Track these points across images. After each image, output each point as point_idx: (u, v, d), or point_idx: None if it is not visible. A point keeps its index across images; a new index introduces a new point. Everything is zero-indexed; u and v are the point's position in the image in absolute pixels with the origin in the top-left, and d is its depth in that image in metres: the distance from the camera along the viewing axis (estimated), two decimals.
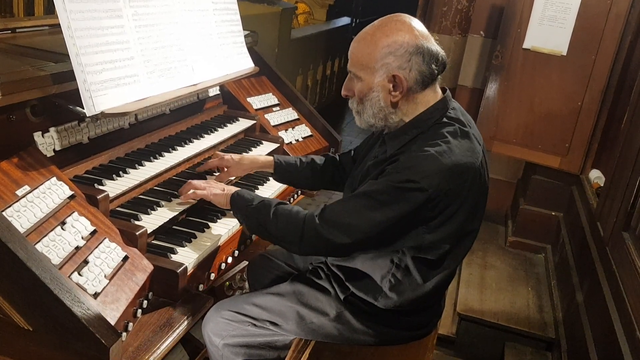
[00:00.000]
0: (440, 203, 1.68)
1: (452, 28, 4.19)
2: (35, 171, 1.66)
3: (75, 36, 1.76)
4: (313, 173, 2.25)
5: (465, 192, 1.71)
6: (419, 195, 1.65)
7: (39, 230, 1.53)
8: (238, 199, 1.93)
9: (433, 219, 1.71)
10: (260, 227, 1.87)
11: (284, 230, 1.81)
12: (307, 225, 1.75)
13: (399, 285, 1.82)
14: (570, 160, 3.78)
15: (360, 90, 1.79)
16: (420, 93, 1.77)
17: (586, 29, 3.55)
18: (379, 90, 1.75)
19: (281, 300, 1.95)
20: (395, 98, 1.75)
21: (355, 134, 7.20)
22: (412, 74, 1.72)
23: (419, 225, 1.72)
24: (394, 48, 1.70)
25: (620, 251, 2.55)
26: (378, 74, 1.73)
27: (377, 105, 1.77)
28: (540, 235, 4.00)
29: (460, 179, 1.69)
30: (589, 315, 2.72)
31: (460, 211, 1.73)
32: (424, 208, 1.67)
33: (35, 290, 1.38)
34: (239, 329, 1.92)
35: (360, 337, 1.92)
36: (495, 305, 3.29)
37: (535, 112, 3.77)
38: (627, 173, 2.71)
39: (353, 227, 1.71)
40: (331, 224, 1.73)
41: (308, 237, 1.76)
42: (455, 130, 1.74)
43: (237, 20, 2.70)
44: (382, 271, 1.82)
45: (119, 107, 1.88)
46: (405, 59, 1.71)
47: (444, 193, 1.66)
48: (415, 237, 1.74)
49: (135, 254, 1.69)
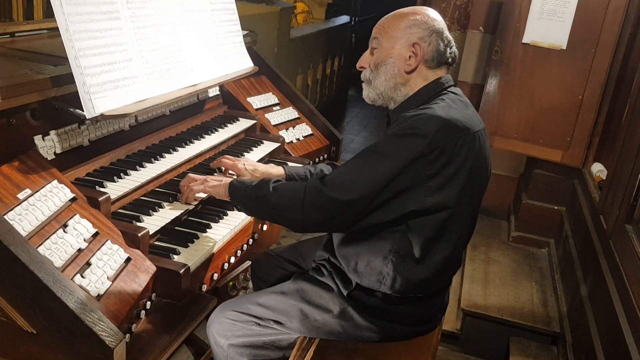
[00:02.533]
0: (440, 157, 1.69)
1: (451, 24, 4.19)
2: (36, 174, 1.66)
3: (74, 39, 1.76)
4: None
5: (463, 153, 1.73)
6: (419, 140, 1.68)
7: (41, 234, 1.53)
8: (237, 184, 1.94)
9: (432, 177, 1.71)
10: (260, 204, 1.85)
11: (285, 198, 1.79)
12: (308, 188, 1.75)
13: (401, 264, 1.82)
14: (572, 154, 3.77)
15: (377, 57, 1.88)
16: (431, 70, 1.87)
17: (585, 22, 3.54)
18: (396, 57, 1.85)
19: (284, 298, 1.95)
20: (409, 67, 1.85)
21: (356, 132, 7.19)
22: (430, 47, 1.84)
23: (421, 183, 1.71)
24: (419, 22, 1.84)
25: (623, 244, 2.55)
26: (399, 42, 1.84)
27: (391, 71, 1.87)
28: (543, 230, 4.00)
29: (458, 134, 1.73)
30: (593, 309, 2.72)
31: (459, 175, 1.74)
32: (424, 159, 1.68)
33: (38, 293, 1.38)
34: (243, 329, 1.93)
35: (364, 334, 1.92)
36: (499, 300, 3.29)
37: (536, 107, 3.77)
38: (629, 165, 2.70)
39: (355, 182, 1.71)
40: (333, 182, 1.74)
41: (310, 199, 1.74)
42: (454, 98, 1.85)
43: (235, 20, 2.70)
44: (384, 252, 1.82)
45: (119, 108, 1.88)
46: (427, 34, 1.84)
47: (443, 145, 1.69)
48: (417, 199, 1.72)
49: (137, 256, 1.70)
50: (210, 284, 1.95)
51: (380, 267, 1.84)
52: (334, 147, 3.06)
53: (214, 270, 1.96)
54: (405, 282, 1.84)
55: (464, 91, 1.99)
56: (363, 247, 1.86)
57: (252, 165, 2.25)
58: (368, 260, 1.86)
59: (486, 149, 1.87)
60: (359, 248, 1.87)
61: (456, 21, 4.20)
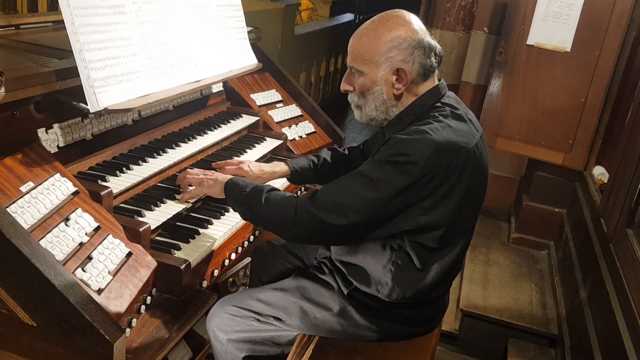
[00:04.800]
0: (433, 180, 1.67)
1: (455, 24, 4.18)
2: (39, 167, 1.67)
3: (79, 32, 1.76)
4: (327, 171, 2.25)
5: (458, 172, 1.71)
6: (411, 168, 1.65)
7: (43, 227, 1.54)
8: (232, 186, 1.93)
9: (426, 198, 1.69)
10: (253, 214, 1.85)
11: (276, 214, 1.79)
12: (299, 207, 1.74)
13: (400, 274, 1.82)
14: (574, 157, 3.77)
15: (362, 85, 1.82)
16: (421, 85, 1.82)
17: (590, 25, 3.54)
18: (382, 84, 1.79)
19: (285, 295, 1.96)
20: (398, 91, 1.79)
21: (359, 131, 7.19)
22: (414, 66, 1.77)
23: (413, 205, 1.70)
24: (397, 42, 1.75)
25: (623, 248, 2.55)
26: (382, 68, 1.77)
27: (380, 98, 1.81)
28: (543, 232, 4.00)
29: (452, 156, 1.69)
30: (592, 312, 2.72)
31: (453, 192, 1.72)
32: (416, 185, 1.66)
33: (39, 286, 1.38)
34: (242, 324, 1.93)
35: (363, 333, 1.92)
36: (498, 301, 3.29)
37: (539, 109, 3.76)
38: (631, 169, 2.70)
39: (346, 206, 1.69)
40: (324, 204, 1.72)
41: (301, 219, 1.74)
42: (447, 112, 1.79)
43: (240, 17, 2.70)
44: (383, 261, 1.82)
45: (123, 103, 1.88)
46: (409, 53, 1.75)
47: (436, 169, 1.67)
48: (410, 219, 1.72)
49: (138, 250, 1.70)
50: (211, 280, 1.96)
51: (380, 276, 1.84)
52: (336, 145, 3.06)
53: (215, 266, 1.96)
54: (404, 290, 1.84)
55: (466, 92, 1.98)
56: (362, 256, 1.86)
57: (257, 166, 2.21)
58: (367, 269, 1.85)
59: (484, 158, 1.84)
60: (358, 256, 1.87)
61: (461, 21, 4.19)
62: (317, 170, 2.25)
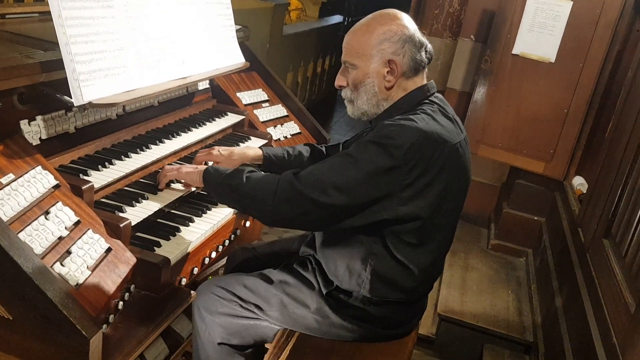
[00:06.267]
0: (415, 169, 1.69)
1: (443, 31, 4.21)
2: (20, 159, 1.65)
3: (66, 25, 1.74)
4: (301, 164, 2.24)
5: (440, 165, 1.73)
6: (395, 151, 1.67)
7: (23, 219, 1.52)
8: (212, 171, 1.95)
9: (406, 188, 1.71)
10: (232, 191, 1.85)
11: (257, 188, 1.79)
12: (282, 181, 1.76)
13: (379, 269, 1.84)
14: (555, 166, 3.82)
15: (355, 78, 1.87)
16: (410, 80, 1.86)
17: (575, 37, 3.59)
18: (374, 77, 1.85)
19: (268, 286, 1.98)
20: (389, 83, 1.84)
21: (344, 132, 7.21)
22: (405, 59, 1.82)
23: (394, 194, 1.71)
24: (389, 35, 1.81)
25: (600, 258, 2.59)
26: (374, 60, 1.83)
27: (372, 91, 1.86)
28: (522, 239, 4.04)
29: (435, 146, 1.72)
30: (567, 320, 2.76)
31: (433, 185, 1.74)
32: (398, 170, 1.68)
33: (16, 279, 1.37)
34: (226, 307, 1.96)
35: (339, 332, 1.94)
36: (475, 307, 3.32)
37: (522, 118, 3.81)
38: (610, 181, 2.74)
39: (328, 182, 1.70)
40: (306, 178, 1.74)
41: (282, 191, 1.74)
42: (435, 109, 1.84)
43: (229, 15, 2.70)
44: (362, 255, 1.84)
45: (107, 97, 1.87)
46: (400, 45, 1.81)
47: (419, 156, 1.69)
48: (389, 208, 1.73)
49: (118, 246, 1.69)
50: (190, 278, 1.95)
51: (359, 270, 1.86)
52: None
53: (195, 264, 1.96)
54: (385, 286, 1.86)
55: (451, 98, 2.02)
56: (342, 249, 1.88)
57: (226, 149, 2.24)
58: (347, 264, 1.87)
59: (467, 159, 1.88)
60: (338, 250, 1.89)
61: (448, 28, 4.23)
62: (290, 162, 2.25)
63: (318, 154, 2.29)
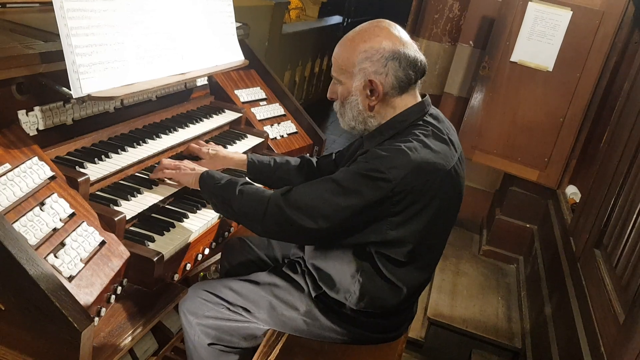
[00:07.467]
0: (405, 198, 1.68)
1: (442, 36, 4.23)
2: (17, 149, 1.64)
3: (67, 17, 1.74)
4: (287, 174, 2.23)
5: (432, 192, 1.72)
6: (383, 185, 1.65)
7: (18, 210, 1.52)
8: (207, 178, 1.95)
9: (396, 215, 1.71)
10: (225, 205, 1.87)
11: (248, 206, 1.81)
12: (271, 203, 1.76)
13: (367, 285, 1.84)
14: (548, 175, 3.84)
15: (341, 94, 1.84)
16: (397, 97, 1.81)
17: (573, 47, 3.61)
18: (357, 94, 1.80)
19: (256, 288, 1.98)
20: (372, 102, 1.80)
21: (339, 133, 7.21)
22: (388, 79, 1.76)
23: (383, 219, 1.71)
24: (370, 53, 1.75)
25: (590, 267, 2.60)
26: (356, 79, 1.78)
27: (356, 108, 1.82)
28: (513, 246, 4.06)
29: (427, 176, 1.70)
30: (555, 328, 2.78)
31: (425, 211, 1.73)
32: (387, 201, 1.67)
33: (10, 269, 1.37)
34: (213, 310, 1.97)
35: (328, 334, 1.94)
36: (465, 312, 3.33)
37: (518, 125, 3.83)
38: (603, 191, 2.76)
39: (316, 209, 1.70)
40: (295, 204, 1.73)
41: (271, 214, 1.75)
42: (429, 132, 1.78)
43: (230, 12, 2.70)
44: (351, 271, 1.84)
45: (106, 91, 1.87)
46: (381, 64, 1.74)
47: (410, 188, 1.67)
48: (378, 232, 1.73)
49: (112, 240, 1.69)
50: (183, 274, 1.95)
51: (348, 285, 1.86)
52: (317, 147, 3.07)
53: (188, 260, 1.96)
54: (372, 301, 1.86)
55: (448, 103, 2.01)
56: (332, 262, 1.88)
57: (214, 149, 2.26)
58: (336, 277, 1.88)
59: (461, 178, 1.84)
60: (328, 262, 1.89)
61: (447, 33, 4.24)
62: (274, 171, 2.22)
63: (307, 164, 2.26)
